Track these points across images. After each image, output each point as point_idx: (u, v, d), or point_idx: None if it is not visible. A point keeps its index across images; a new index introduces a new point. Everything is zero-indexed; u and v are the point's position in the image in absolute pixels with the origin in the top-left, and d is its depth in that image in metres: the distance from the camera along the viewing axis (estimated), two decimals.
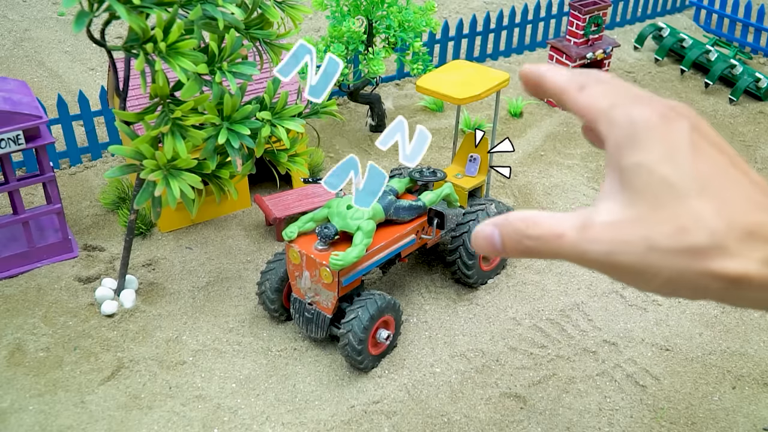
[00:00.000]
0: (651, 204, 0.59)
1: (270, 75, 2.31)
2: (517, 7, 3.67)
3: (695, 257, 0.57)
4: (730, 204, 0.58)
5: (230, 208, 2.51)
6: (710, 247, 0.57)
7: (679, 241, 0.57)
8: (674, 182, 0.59)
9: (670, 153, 0.60)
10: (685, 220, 0.57)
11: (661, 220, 0.58)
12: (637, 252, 0.59)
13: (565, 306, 2.19)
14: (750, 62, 3.61)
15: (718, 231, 0.56)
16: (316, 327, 1.95)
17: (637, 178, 0.60)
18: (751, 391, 1.95)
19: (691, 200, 0.58)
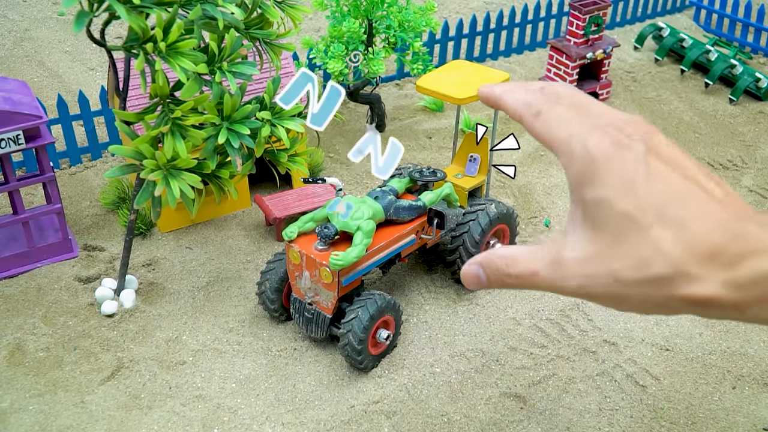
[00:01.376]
0: (613, 238, 0.61)
1: (270, 75, 2.31)
2: (517, 7, 3.67)
3: (659, 286, 0.59)
4: (689, 227, 0.59)
5: (230, 208, 2.51)
6: (671, 275, 0.58)
7: (642, 274, 0.59)
8: (633, 215, 0.60)
9: (627, 185, 0.61)
10: (645, 252, 0.59)
11: (623, 254, 0.60)
12: (605, 284, 0.62)
13: (565, 306, 2.19)
14: (750, 62, 3.61)
15: (678, 259, 0.58)
16: (316, 327, 1.95)
17: (598, 212, 0.62)
18: (751, 391, 1.95)
19: (650, 230, 0.59)
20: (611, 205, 0.61)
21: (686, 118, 3.22)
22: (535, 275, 0.65)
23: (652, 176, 0.61)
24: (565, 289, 0.65)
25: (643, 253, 0.59)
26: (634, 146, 0.62)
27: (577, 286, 0.64)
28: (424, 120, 3.10)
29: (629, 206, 0.60)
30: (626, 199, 0.61)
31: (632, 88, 3.43)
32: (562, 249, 0.64)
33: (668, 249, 0.58)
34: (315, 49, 2.72)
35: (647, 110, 3.26)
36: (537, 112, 0.66)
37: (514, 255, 0.66)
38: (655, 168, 0.62)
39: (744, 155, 2.96)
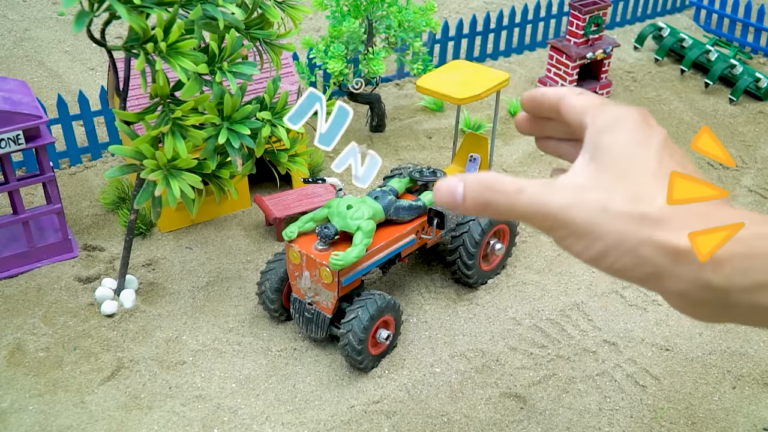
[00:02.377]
0: (615, 173, 0.66)
1: (270, 75, 2.31)
2: (517, 7, 3.67)
3: (642, 224, 0.63)
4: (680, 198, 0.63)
5: (230, 208, 2.51)
6: (657, 218, 0.62)
7: (632, 208, 0.63)
8: (641, 162, 0.65)
9: (644, 141, 0.67)
10: (641, 192, 0.64)
11: (621, 188, 0.64)
12: (591, 210, 0.65)
13: (565, 306, 2.19)
14: (750, 62, 3.61)
15: (668, 208, 0.62)
16: (316, 327, 1.95)
17: (610, 152, 0.67)
18: (751, 391, 1.95)
19: (652, 179, 0.64)
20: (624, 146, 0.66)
21: (686, 118, 3.22)
22: (520, 191, 0.66)
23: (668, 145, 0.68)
24: (548, 206, 0.66)
25: (639, 193, 0.64)
26: (658, 128, 0.69)
27: (563, 204, 0.66)
28: (424, 120, 3.10)
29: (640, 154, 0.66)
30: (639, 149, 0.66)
31: (632, 88, 3.43)
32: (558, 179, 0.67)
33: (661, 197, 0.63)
34: (315, 49, 2.72)
35: (647, 110, 3.26)
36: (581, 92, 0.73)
37: (505, 176, 0.68)
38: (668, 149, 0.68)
39: (744, 155, 2.96)
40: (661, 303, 2.22)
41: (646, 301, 2.22)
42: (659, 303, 2.22)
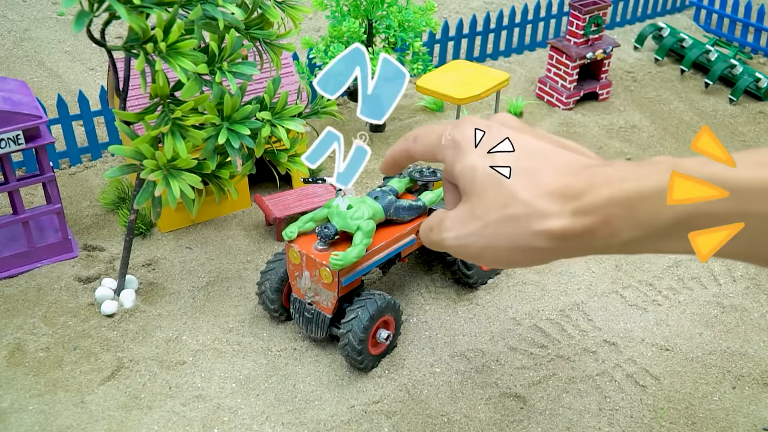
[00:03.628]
0: (479, 193, 0.73)
1: (270, 75, 2.31)
2: (517, 7, 3.67)
3: (518, 224, 0.70)
4: (539, 174, 0.71)
5: (230, 208, 2.51)
6: (527, 213, 0.69)
7: (502, 215, 0.71)
8: (490, 171, 0.73)
9: (484, 151, 0.74)
10: (503, 198, 0.71)
11: (487, 202, 0.72)
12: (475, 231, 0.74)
13: (565, 306, 2.19)
14: (750, 62, 3.61)
15: (530, 200, 0.69)
16: (316, 327, 1.95)
17: (467, 178, 0.75)
18: (751, 391, 1.95)
19: (505, 181, 0.71)
20: (474, 167, 0.74)
21: (686, 118, 3.22)
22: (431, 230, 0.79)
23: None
24: (446, 240, 0.77)
25: (501, 199, 0.71)
26: (492, 125, 0.76)
27: (455, 237, 0.76)
28: (424, 120, 3.10)
29: (487, 164, 0.73)
30: (484, 160, 0.73)
31: (632, 88, 3.43)
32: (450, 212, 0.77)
33: (520, 193, 0.70)
34: (315, 49, 2.72)
35: (647, 110, 3.26)
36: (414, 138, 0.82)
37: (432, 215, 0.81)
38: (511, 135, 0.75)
39: None
40: (661, 303, 2.22)
41: (646, 301, 2.22)
42: (659, 303, 2.22)
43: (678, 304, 2.22)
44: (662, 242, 0.65)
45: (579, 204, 0.67)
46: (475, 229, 0.73)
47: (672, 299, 2.23)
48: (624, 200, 0.65)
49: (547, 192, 0.69)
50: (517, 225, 0.70)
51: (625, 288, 2.27)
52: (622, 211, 0.65)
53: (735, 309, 2.20)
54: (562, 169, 0.71)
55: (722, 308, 2.21)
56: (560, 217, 0.68)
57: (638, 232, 0.65)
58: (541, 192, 0.69)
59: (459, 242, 0.76)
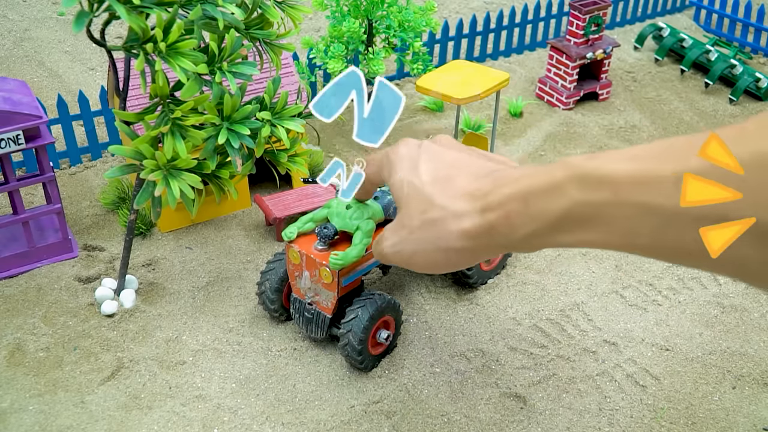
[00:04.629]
0: (406, 203, 0.82)
1: (270, 75, 2.31)
2: (517, 7, 3.67)
3: (438, 227, 0.76)
4: (454, 181, 0.78)
5: (230, 208, 2.51)
6: (443, 216, 0.76)
7: (423, 220, 0.79)
8: (414, 183, 0.81)
9: (413, 165, 0.83)
10: (423, 205, 0.79)
11: (411, 211, 0.80)
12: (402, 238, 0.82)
13: (565, 306, 2.19)
14: (750, 62, 3.61)
15: (445, 204, 0.76)
16: (316, 327, 1.95)
17: (397, 192, 0.84)
18: (751, 391, 1.95)
19: (426, 190, 0.79)
20: (402, 180, 0.83)
21: (686, 118, 3.22)
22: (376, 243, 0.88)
23: (431, 156, 0.83)
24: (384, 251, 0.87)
25: (421, 207, 0.79)
26: (420, 143, 0.86)
27: (391, 245, 0.85)
28: (424, 120, 3.10)
29: (414, 178, 0.81)
30: (412, 173, 0.82)
31: (632, 88, 3.43)
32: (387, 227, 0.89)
33: (437, 198, 0.78)
34: (315, 49, 2.72)
35: (647, 110, 3.26)
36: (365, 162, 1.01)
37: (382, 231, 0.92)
38: (434, 150, 0.83)
39: None
40: (661, 303, 2.22)
41: (646, 301, 2.22)
42: (659, 303, 2.22)
43: (678, 304, 2.22)
44: (557, 236, 0.69)
45: (485, 202, 0.73)
46: (404, 236, 0.81)
47: (672, 299, 2.23)
48: (519, 196, 0.70)
49: (460, 195, 0.75)
50: (436, 228, 0.77)
51: (625, 288, 2.27)
52: (518, 206, 0.70)
53: (735, 309, 2.20)
54: (475, 174, 0.77)
55: (722, 308, 2.21)
56: (470, 216, 0.74)
57: (534, 226, 0.69)
58: (455, 195, 0.76)
59: (393, 249, 0.84)
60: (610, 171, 0.63)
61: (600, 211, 0.64)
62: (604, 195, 0.63)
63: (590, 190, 0.64)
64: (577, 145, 2.98)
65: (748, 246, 0.57)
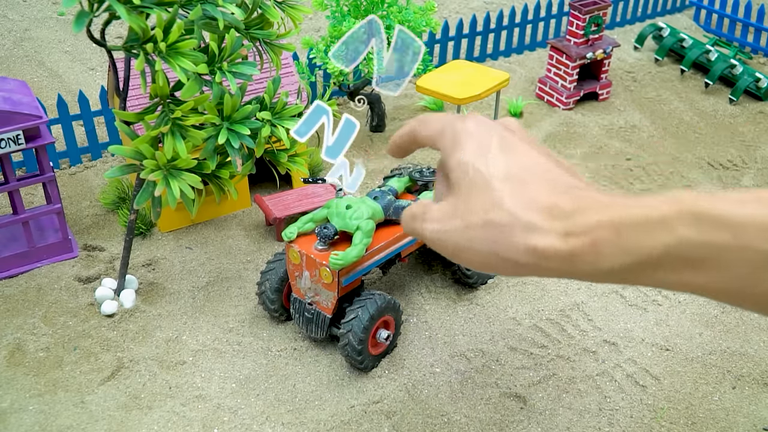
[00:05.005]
0: (467, 192, 0.72)
1: (270, 75, 2.31)
2: (517, 7, 3.67)
3: (501, 232, 0.68)
4: (530, 189, 0.69)
5: (230, 208, 2.51)
6: (511, 223, 0.68)
7: (486, 219, 0.69)
8: (483, 172, 0.71)
9: (482, 149, 0.73)
10: (489, 203, 0.69)
11: (474, 203, 0.71)
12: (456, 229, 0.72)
13: (565, 306, 2.19)
14: (750, 62, 3.61)
15: (515, 210, 0.68)
16: (316, 327, 1.95)
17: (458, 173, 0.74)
18: (751, 391, 1.95)
19: (496, 186, 0.70)
20: (468, 164, 0.73)
21: (686, 118, 3.22)
22: (413, 219, 0.78)
23: (504, 146, 0.74)
24: (426, 231, 0.76)
25: (487, 203, 0.70)
26: (493, 125, 0.76)
27: (435, 230, 0.75)
28: None
29: (481, 165, 0.72)
30: (479, 159, 0.72)
31: (632, 88, 3.43)
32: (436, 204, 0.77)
33: (506, 201, 0.68)
34: (315, 49, 2.72)
35: (647, 110, 3.26)
36: (422, 121, 0.82)
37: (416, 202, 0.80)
38: (508, 140, 0.74)
39: (744, 155, 2.96)
40: (661, 303, 2.22)
41: (646, 301, 2.22)
42: (659, 303, 2.22)
43: (678, 304, 2.22)
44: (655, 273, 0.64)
45: (567, 224, 0.66)
46: (456, 227, 0.73)
47: (672, 299, 2.23)
48: (610, 225, 0.64)
49: (534, 206, 0.68)
50: (498, 233, 0.69)
51: (625, 288, 2.27)
52: (609, 235, 0.64)
53: (735, 309, 2.20)
54: (552, 185, 0.70)
55: (722, 308, 2.21)
56: (546, 235, 0.67)
57: (627, 259, 0.64)
58: (528, 204, 0.68)
59: (437, 236, 0.75)
60: (733, 213, 0.59)
61: (715, 253, 0.60)
62: (723, 237, 0.59)
63: (706, 230, 0.60)
64: (576, 145, 2.98)
65: None
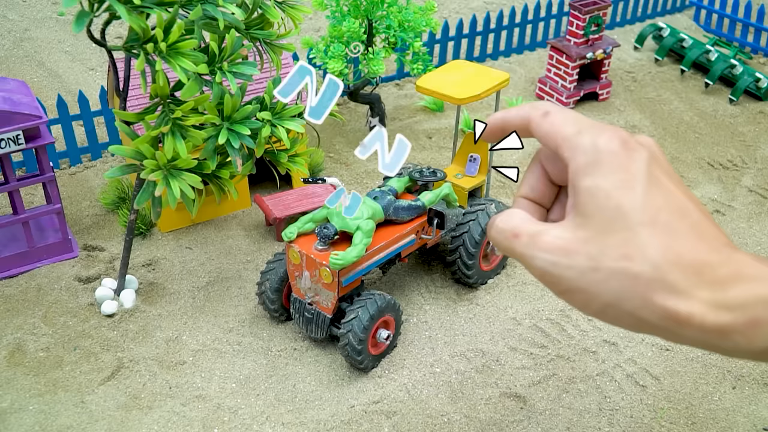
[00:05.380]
0: (602, 227, 0.60)
1: (270, 75, 2.31)
2: (517, 7, 3.67)
3: (635, 284, 0.57)
4: (679, 238, 0.58)
5: (230, 208, 2.51)
6: (651, 277, 0.57)
7: (622, 267, 0.58)
8: (627, 210, 0.59)
9: (628, 181, 0.60)
10: (631, 249, 0.58)
11: (608, 244, 0.59)
12: (580, 268, 0.60)
13: (565, 306, 2.19)
14: (750, 62, 3.61)
15: (661, 264, 0.56)
16: (316, 327, 1.95)
17: (592, 200, 0.61)
18: (751, 391, 1.95)
19: (640, 230, 0.58)
20: (607, 195, 0.60)
21: (686, 118, 3.22)
22: (516, 237, 0.64)
23: (652, 181, 0.61)
24: (536, 260, 0.63)
25: (629, 250, 0.58)
26: (640, 150, 0.62)
27: (551, 262, 0.62)
28: (424, 120, 3.10)
29: (625, 201, 0.60)
30: (623, 193, 0.60)
31: (632, 88, 3.43)
32: (550, 227, 0.63)
33: (652, 251, 0.57)
34: (315, 49, 2.72)
35: (647, 110, 3.26)
36: (546, 113, 0.65)
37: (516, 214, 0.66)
38: (656, 175, 0.61)
39: (744, 155, 2.96)
40: None
41: None
42: None
43: None
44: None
45: (721, 296, 0.56)
46: (579, 266, 0.60)
47: None
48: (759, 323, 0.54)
49: (682, 263, 0.57)
50: (632, 285, 0.58)
51: None
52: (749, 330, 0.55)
53: None
54: (703, 240, 0.59)
55: None
56: (692, 301, 0.56)
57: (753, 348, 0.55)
58: (675, 260, 0.57)
59: (553, 270, 0.62)
60: None
61: None
62: None
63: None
64: None
65: None
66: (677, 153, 2.97)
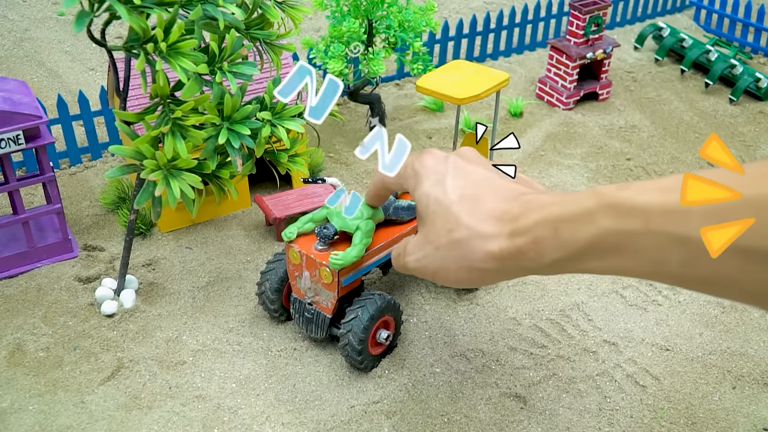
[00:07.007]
0: (432, 220, 0.81)
1: (270, 75, 2.31)
2: (517, 7, 3.67)
3: (464, 247, 0.76)
4: (482, 201, 0.77)
5: (230, 208, 2.51)
6: (469, 236, 0.76)
7: (450, 239, 0.78)
8: (441, 198, 0.80)
9: (438, 180, 0.82)
10: (451, 224, 0.78)
11: (438, 228, 0.79)
12: (429, 254, 0.81)
13: (565, 306, 2.19)
14: (750, 62, 3.61)
15: (472, 224, 0.76)
16: (316, 327, 1.95)
17: (421, 204, 0.83)
18: (751, 391, 1.95)
19: (453, 208, 0.78)
20: (427, 195, 0.82)
21: (686, 118, 3.22)
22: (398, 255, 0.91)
23: (457, 171, 0.82)
24: (408, 265, 0.88)
25: (449, 224, 0.78)
26: (449, 157, 0.84)
27: (415, 260, 0.85)
28: (424, 120, 3.10)
29: (438, 193, 0.81)
30: (436, 189, 0.81)
31: (632, 88, 3.43)
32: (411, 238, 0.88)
33: (464, 218, 0.77)
34: (315, 49, 2.72)
35: (647, 110, 3.26)
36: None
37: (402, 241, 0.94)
38: (461, 166, 0.83)
39: (744, 155, 2.96)
40: (661, 303, 2.22)
41: (646, 301, 2.22)
42: (659, 303, 2.22)
43: (678, 304, 2.22)
44: (585, 262, 0.69)
45: (513, 226, 0.73)
46: (428, 252, 0.81)
47: (672, 299, 2.23)
48: (548, 223, 0.70)
49: (487, 216, 0.75)
50: (462, 247, 0.76)
51: (625, 288, 2.27)
52: (547, 232, 0.70)
53: (735, 309, 2.20)
54: (503, 196, 0.77)
55: (722, 308, 2.21)
56: (498, 239, 0.74)
57: (562, 252, 0.69)
58: (482, 217, 0.75)
59: (418, 264, 0.84)
60: (642, 201, 0.65)
61: (630, 239, 0.65)
62: (635, 224, 0.64)
63: (621, 219, 0.65)
64: (576, 145, 2.98)
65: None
66: (677, 153, 2.97)
